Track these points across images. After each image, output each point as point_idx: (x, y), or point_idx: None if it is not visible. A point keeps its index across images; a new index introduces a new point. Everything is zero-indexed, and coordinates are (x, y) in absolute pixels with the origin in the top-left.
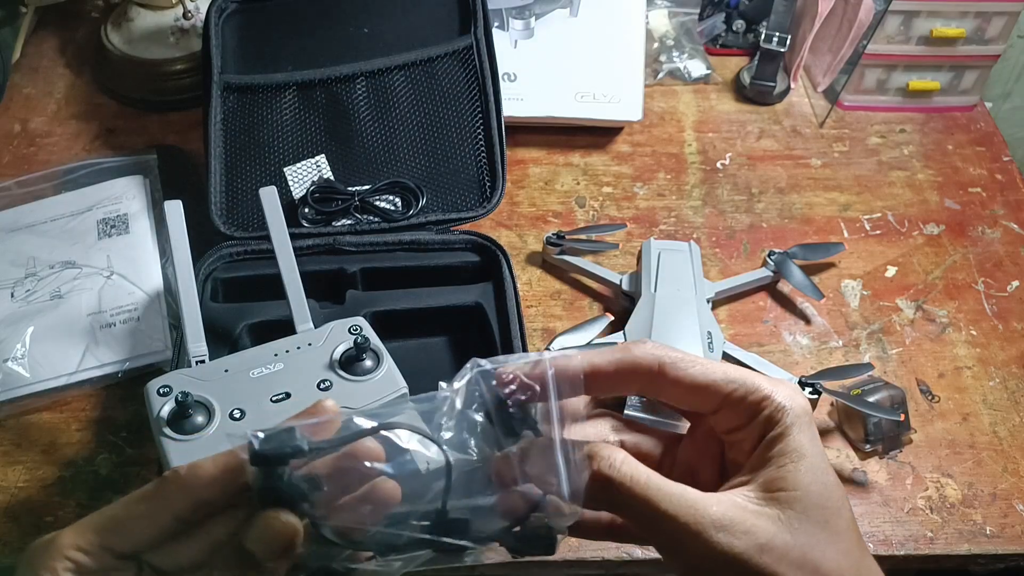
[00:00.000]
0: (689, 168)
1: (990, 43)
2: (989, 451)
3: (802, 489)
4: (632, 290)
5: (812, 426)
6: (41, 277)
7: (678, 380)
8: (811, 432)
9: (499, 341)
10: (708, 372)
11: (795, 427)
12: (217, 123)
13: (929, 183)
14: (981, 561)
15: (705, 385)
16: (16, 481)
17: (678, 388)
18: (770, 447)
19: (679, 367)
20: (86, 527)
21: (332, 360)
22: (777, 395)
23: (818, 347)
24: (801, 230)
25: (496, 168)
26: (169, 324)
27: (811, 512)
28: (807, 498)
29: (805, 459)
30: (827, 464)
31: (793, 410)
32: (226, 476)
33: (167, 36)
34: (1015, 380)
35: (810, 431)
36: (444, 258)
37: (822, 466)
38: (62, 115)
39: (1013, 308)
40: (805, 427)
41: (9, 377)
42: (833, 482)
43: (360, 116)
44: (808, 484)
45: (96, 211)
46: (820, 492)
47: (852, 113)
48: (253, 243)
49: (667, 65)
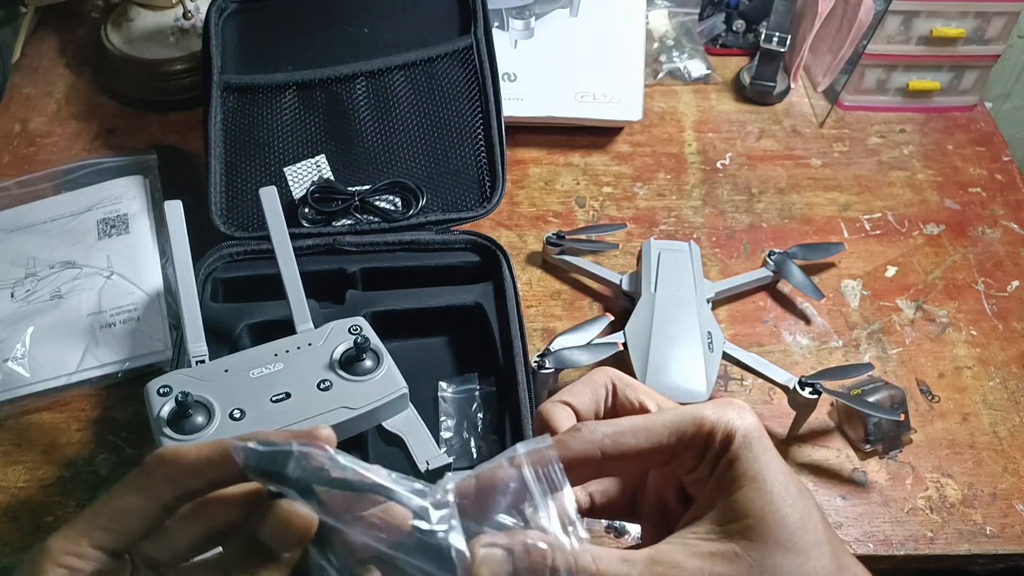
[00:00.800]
0: (689, 168)
1: (990, 43)
2: (989, 451)
3: (756, 515)
4: (632, 290)
5: (762, 442)
6: (41, 277)
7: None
8: (761, 450)
9: (499, 341)
10: (651, 434)
11: (743, 449)
12: (217, 123)
13: (929, 183)
14: (981, 561)
15: (651, 449)
16: (16, 481)
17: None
18: (721, 478)
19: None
20: (75, 530)
21: (332, 360)
22: (720, 423)
23: (818, 347)
24: (801, 230)
25: (496, 168)
26: (169, 324)
27: (771, 536)
28: (763, 523)
29: (755, 481)
30: (784, 478)
31: (739, 432)
32: (210, 467)
33: (167, 36)
34: (1015, 380)
35: (760, 449)
36: (444, 258)
37: (778, 482)
38: (62, 115)
39: (1013, 308)
40: (755, 446)
41: (9, 377)
42: (793, 496)
43: (360, 116)
44: (762, 507)
45: (96, 211)
46: (778, 512)
47: (852, 113)
48: (253, 243)
49: (667, 65)
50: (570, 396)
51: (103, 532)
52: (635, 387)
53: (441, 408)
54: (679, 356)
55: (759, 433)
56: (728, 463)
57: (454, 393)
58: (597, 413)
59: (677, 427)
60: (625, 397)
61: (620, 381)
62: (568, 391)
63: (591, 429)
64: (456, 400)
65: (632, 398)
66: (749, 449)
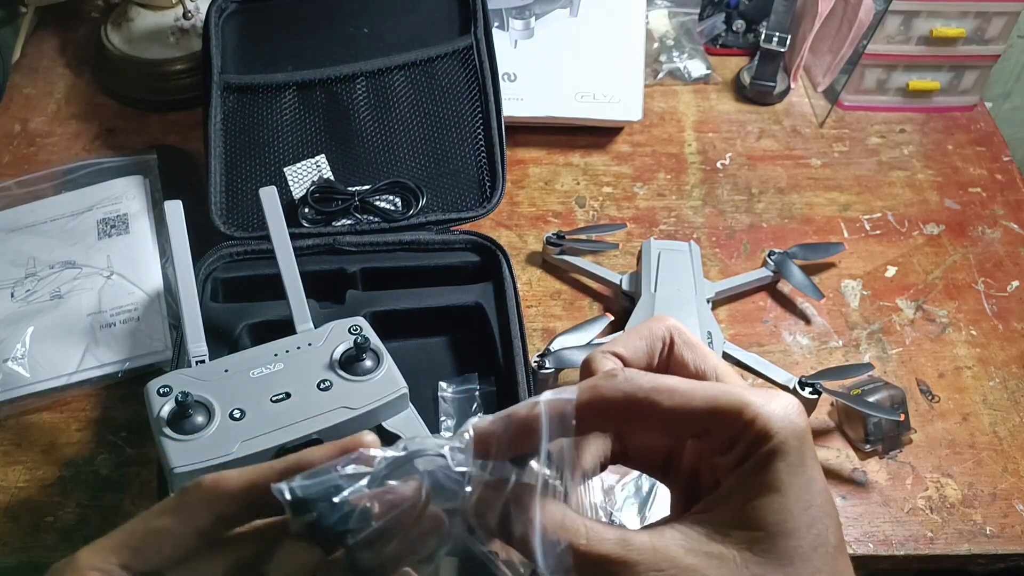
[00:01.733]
0: (689, 168)
1: (990, 43)
2: (989, 451)
3: (770, 530)
4: (632, 290)
5: (802, 452)
6: (41, 277)
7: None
8: (799, 461)
9: (499, 341)
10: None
11: (779, 455)
12: (217, 123)
13: (929, 183)
14: (981, 561)
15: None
16: (16, 481)
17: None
18: (748, 476)
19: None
20: (105, 546)
21: (332, 360)
22: (762, 416)
23: (818, 347)
24: (801, 230)
25: (496, 168)
26: (169, 324)
27: (776, 558)
28: (775, 542)
29: (779, 495)
30: (811, 497)
31: (779, 434)
32: (252, 492)
33: (167, 36)
34: (1015, 380)
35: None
36: (444, 258)
37: (801, 502)
38: (62, 115)
39: (1013, 308)
40: (791, 455)
41: (9, 377)
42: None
43: (360, 116)
44: (778, 525)
45: (96, 211)
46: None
47: (852, 113)
48: (253, 243)
49: (667, 65)
50: (622, 347)
51: (133, 552)
52: (694, 346)
53: (441, 408)
54: None
55: (800, 442)
56: (759, 463)
57: (454, 393)
58: (650, 365)
59: (717, 403)
60: (681, 355)
61: (680, 336)
62: (622, 340)
63: (627, 377)
64: (456, 400)
65: (689, 359)
66: (784, 457)
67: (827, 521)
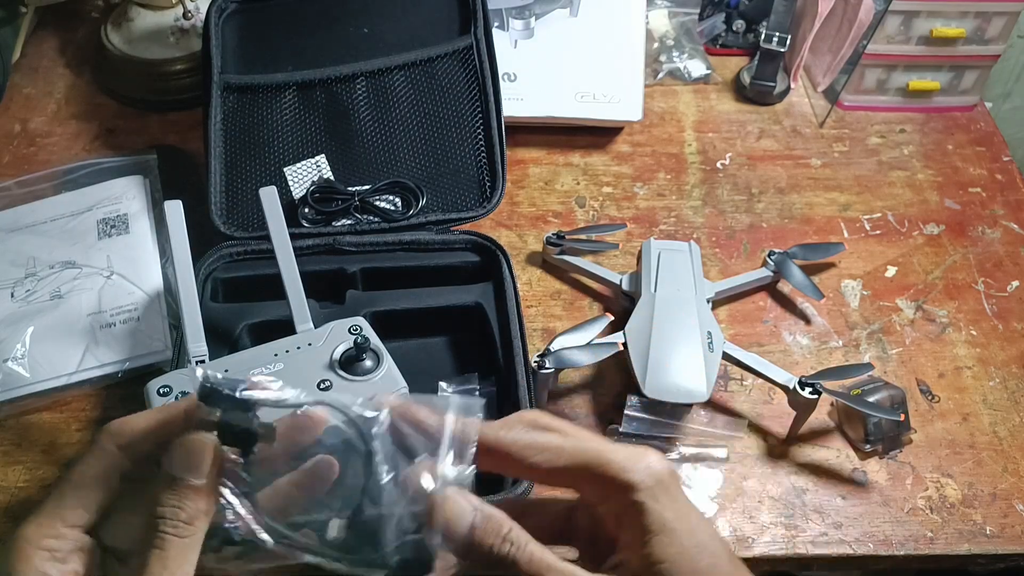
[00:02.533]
0: (689, 168)
1: (990, 43)
2: (989, 451)
3: (669, 560)
4: (632, 290)
5: (671, 491)
6: (41, 277)
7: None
8: (670, 500)
9: (499, 341)
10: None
11: (651, 499)
12: (217, 123)
13: (929, 183)
14: (981, 561)
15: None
16: (16, 481)
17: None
18: (632, 524)
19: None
20: (45, 513)
21: (332, 360)
22: (625, 469)
23: (818, 347)
24: (801, 230)
25: (496, 168)
26: (169, 324)
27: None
28: (677, 570)
29: (666, 530)
30: (693, 526)
31: (644, 483)
32: (162, 430)
33: (167, 36)
34: (1015, 380)
35: (669, 499)
36: (444, 258)
37: (686, 532)
38: (62, 115)
39: (1013, 308)
40: (662, 497)
41: (9, 377)
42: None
43: (360, 116)
44: (673, 555)
45: (96, 211)
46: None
47: (852, 113)
48: (253, 243)
49: (667, 65)
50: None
51: (72, 510)
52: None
53: None
54: (679, 356)
55: (668, 483)
56: (636, 512)
57: (454, 393)
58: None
59: (582, 459)
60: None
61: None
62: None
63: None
64: None
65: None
66: (657, 500)
67: (716, 542)
